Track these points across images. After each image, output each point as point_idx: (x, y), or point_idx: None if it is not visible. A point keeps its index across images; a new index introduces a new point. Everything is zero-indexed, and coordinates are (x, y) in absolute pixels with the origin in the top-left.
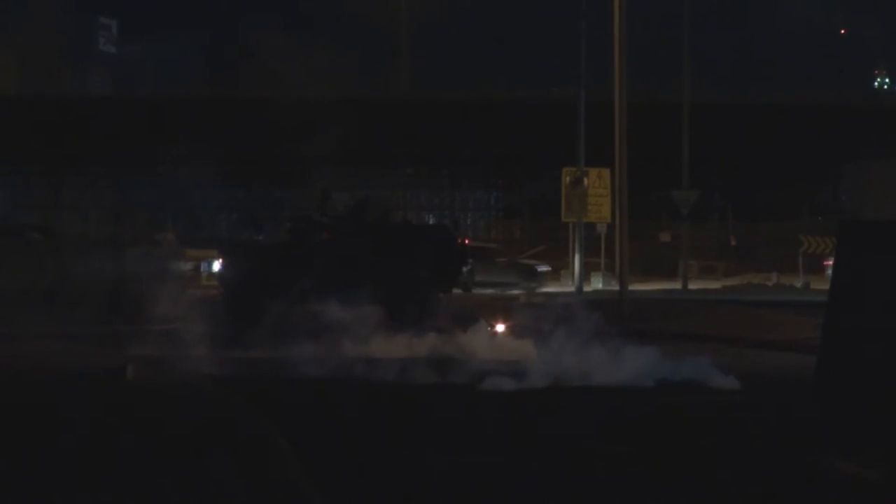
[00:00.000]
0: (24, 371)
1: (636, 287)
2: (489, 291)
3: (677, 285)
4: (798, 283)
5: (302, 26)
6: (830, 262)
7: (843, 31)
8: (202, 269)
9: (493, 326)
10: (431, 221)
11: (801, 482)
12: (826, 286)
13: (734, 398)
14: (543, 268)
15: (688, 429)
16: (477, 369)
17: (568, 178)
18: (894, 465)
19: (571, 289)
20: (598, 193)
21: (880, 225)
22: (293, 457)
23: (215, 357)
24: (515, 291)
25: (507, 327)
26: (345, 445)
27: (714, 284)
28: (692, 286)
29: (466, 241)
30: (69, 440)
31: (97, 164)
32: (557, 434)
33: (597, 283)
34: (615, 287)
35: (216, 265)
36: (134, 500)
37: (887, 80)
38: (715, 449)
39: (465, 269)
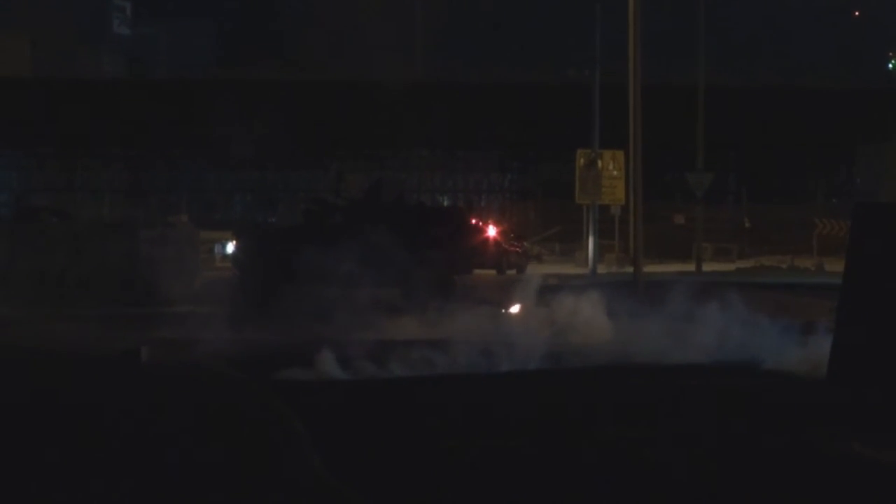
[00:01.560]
0: (42, 352)
1: (650, 269)
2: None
3: (691, 267)
4: (811, 266)
5: (317, 8)
6: None
7: (856, 14)
8: (216, 251)
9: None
10: (446, 204)
11: (817, 465)
12: (839, 268)
13: (752, 381)
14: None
15: (705, 410)
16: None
17: (582, 160)
18: None
19: (585, 270)
20: (612, 175)
21: (893, 206)
22: (308, 439)
23: (231, 339)
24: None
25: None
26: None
27: (728, 267)
28: (706, 268)
29: (480, 224)
30: (83, 421)
31: (111, 146)
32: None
33: (611, 266)
34: (629, 269)
35: (230, 247)
36: (146, 481)
37: None
38: (734, 430)
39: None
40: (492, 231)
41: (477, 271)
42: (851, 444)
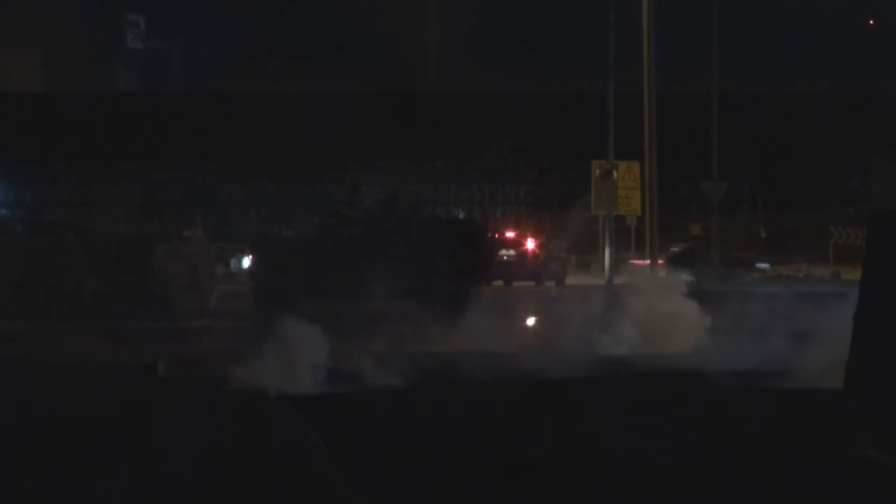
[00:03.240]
0: (59, 368)
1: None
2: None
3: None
4: (828, 274)
5: (328, 22)
6: None
7: (871, 22)
8: (232, 265)
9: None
10: (461, 215)
11: (834, 471)
12: (856, 276)
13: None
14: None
15: (726, 418)
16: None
17: (597, 171)
18: None
19: (601, 281)
20: (627, 186)
21: None
22: (325, 453)
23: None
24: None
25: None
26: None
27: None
28: None
29: (496, 236)
30: (101, 434)
31: (125, 160)
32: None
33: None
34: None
35: (246, 261)
36: (164, 495)
37: None
38: (749, 437)
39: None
40: (530, 244)
41: (516, 283)
42: (867, 451)
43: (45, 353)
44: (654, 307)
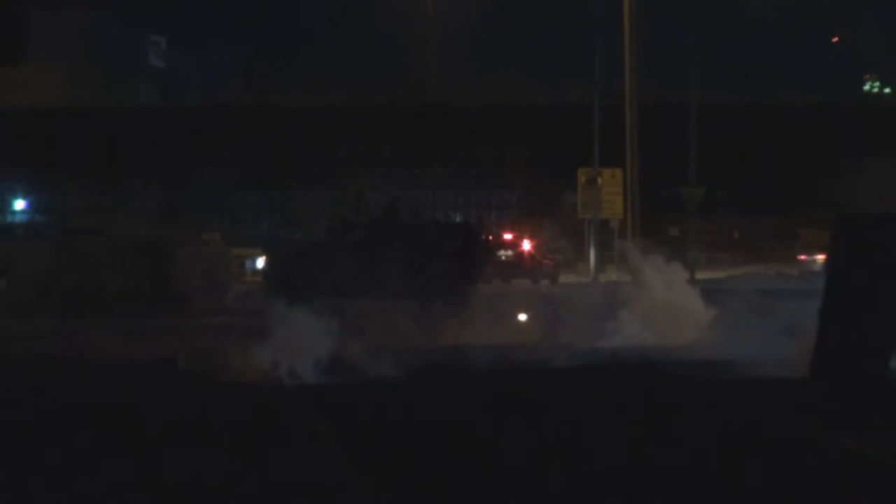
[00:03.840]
0: (83, 362)
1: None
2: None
3: (685, 276)
4: (795, 272)
5: (331, 35)
6: (804, 257)
7: (835, 39)
8: (247, 267)
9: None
10: (458, 219)
11: (803, 459)
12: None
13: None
14: None
15: (692, 408)
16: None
17: (583, 178)
18: (891, 441)
19: (588, 280)
20: (611, 192)
21: (872, 217)
22: (331, 438)
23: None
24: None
25: None
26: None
27: (719, 274)
28: (699, 276)
29: (495, 238)
30: (124, 424)
31: (147, 170)
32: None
33: (612, 274)
34: (628, 278)
35: (260, 262)
36: (184, 479)
37: (878, 83)
38: (718, 428)
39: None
40: (527, 245)
41: (514, 281)
42: (837, 438)
43: (70, 349)
44: (659, 300)
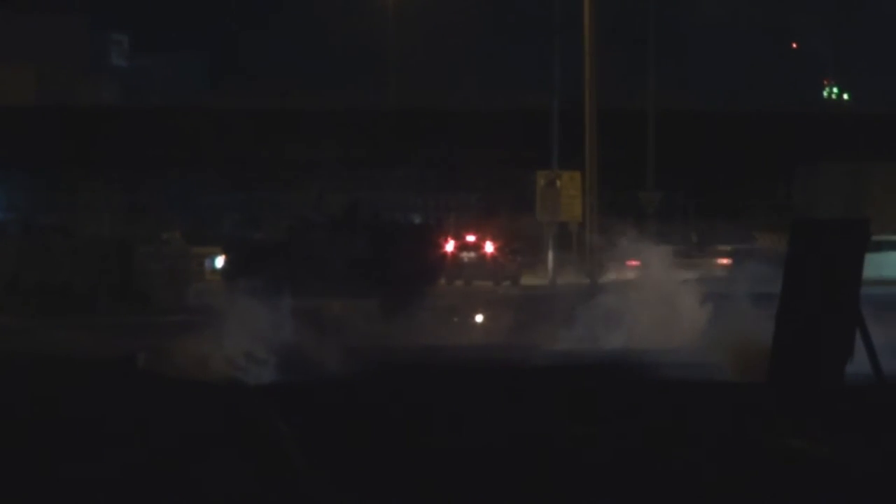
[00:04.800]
0: (41, 358)
1: (605, 280)
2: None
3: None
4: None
5: (294, 39)
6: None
7: (794, 45)
8: (206, 265)
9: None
10: (417, 221)
11: (757, 459)
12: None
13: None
14: None
15: (650, 412)
16: None
17: (542, 181)
18: (841, 441)
19: (545, 282)
20: (569, 195)
21: (828, 223)
22: (291, 439)
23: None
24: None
25: None
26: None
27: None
28: None
29: (449, 239)
30: (78, 424)
31: (110, 169)
32: None
33: (569, 276)
34: (586, 280)
35: (219, 261)
36: (139, 482)
37: (835, 89)
38: (674, 431)
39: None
40: (489, 246)
41: (476, 282)
42: (789, 439)
43: (33, 345)
44: (652, 303)
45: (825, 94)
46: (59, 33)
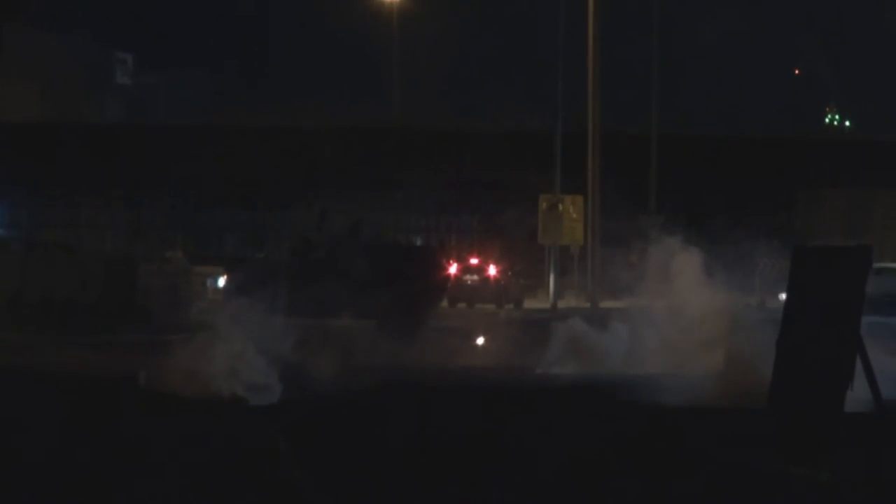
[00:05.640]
0: (43, 375)
1: (606, 304)
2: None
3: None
4: (753, 302)
5: (298, 58)
6: None
7: (797, 72)
8: (208, 284)
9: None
10: (419, 242)
11: (756, 486)
12: (778, 304)
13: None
14: None
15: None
16: None
17: (545, 204)
18: (841, 468)
19: (547, 305)
20: (572, 218)
21: (829, 249)
22: (290, 456)
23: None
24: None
25: None
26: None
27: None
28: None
29: (452, 261)
30: (79, 441)
31: (113, 187)
32: None
33: (571, 300)
34: (587, 304)
35: (221, 281)
36: (142, 498)
37: (837, 116)
38: (676, 457)
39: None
40: (493, 269)
41: (478, 306)
42: (788, 466)
43: (35, 363)
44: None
45: (827, 120)
46: (64, 51)
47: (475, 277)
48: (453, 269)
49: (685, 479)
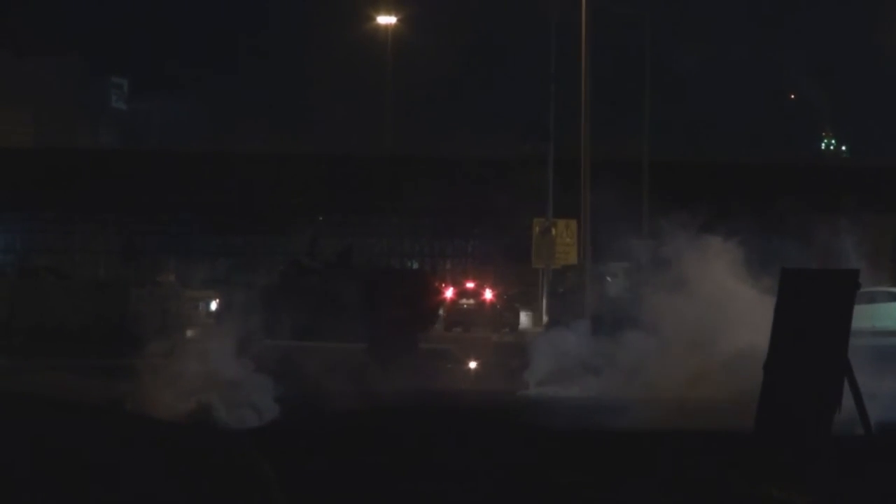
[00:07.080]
0: (30, 400)
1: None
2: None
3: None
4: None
5: (291, 85)
6: None
7: (792, 97)
8: (201, 308)
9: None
10: (412, 266)
11: None
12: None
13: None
14: None
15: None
16: None
17: (538, 228)
18: (825, 492)
19: (541, 328)
20: (565, 242)
21: (815, 273)
22: (274, 480)
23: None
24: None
25: None
26: None
27: None
28: None
29: (444, 286)
30: (65, 465)
31: (106, 211)
32: None
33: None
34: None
35: (213, 305)
36: None
37: (833, 141)
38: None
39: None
40: (488, 294)
41: (474, 329)
42: (772, 489)
43: (26, 387)
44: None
45: (823, 145)
46: (58, 76)
47: (471, 301)
48: (449, 293)
49: (667, 500)
